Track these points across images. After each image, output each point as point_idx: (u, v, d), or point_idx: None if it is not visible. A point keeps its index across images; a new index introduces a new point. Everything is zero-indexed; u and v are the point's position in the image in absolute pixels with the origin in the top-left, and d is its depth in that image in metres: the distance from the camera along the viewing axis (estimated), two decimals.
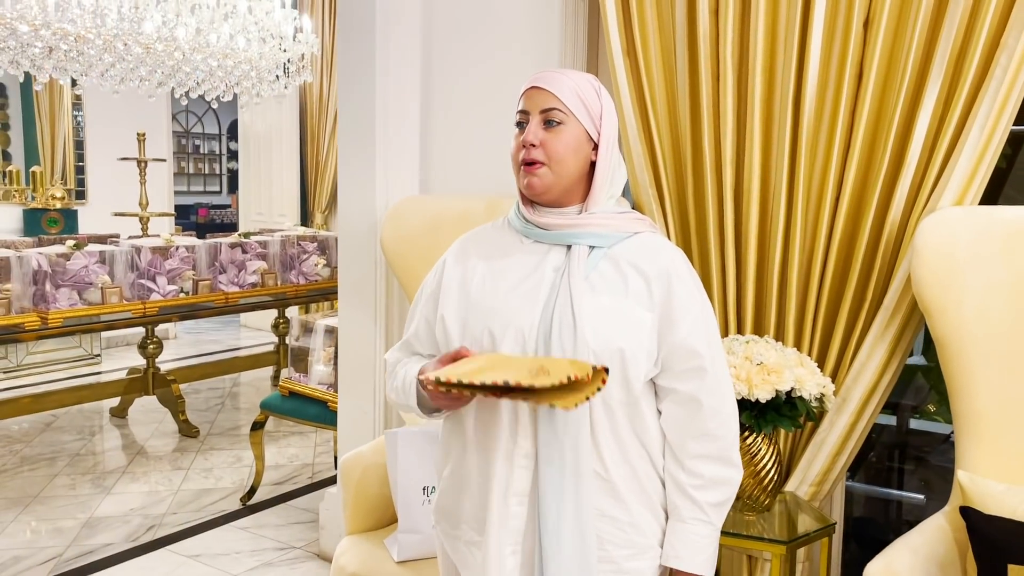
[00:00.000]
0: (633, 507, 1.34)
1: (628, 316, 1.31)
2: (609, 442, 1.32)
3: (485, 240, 1.46)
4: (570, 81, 1.35)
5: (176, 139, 11.56)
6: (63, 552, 3.16)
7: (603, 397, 1.28)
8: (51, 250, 3.91)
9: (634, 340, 1.30)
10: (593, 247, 1.35)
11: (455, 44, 2.79)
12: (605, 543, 1.34)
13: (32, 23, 3.70)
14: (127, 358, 6.14)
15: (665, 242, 1.41)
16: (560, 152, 1.33)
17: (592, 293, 1.32)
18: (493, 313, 1.34)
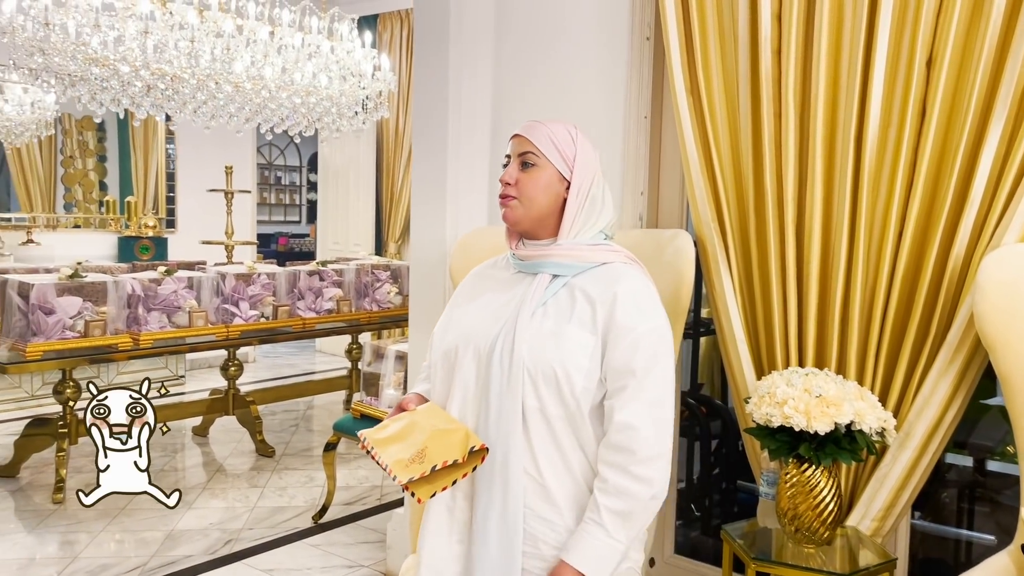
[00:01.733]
0: (568, 512, 1.48)
1: (567, 338, 1.46)
2: (547, 449, 1.47)
3: (488, 271, 1.68)
4: (546, 129, 1.55)
5: (259, 171, 12.06)
6: (147, 562, 3.33)
7: (540, 408, 1.45)
8: (144, 275, 4.16)
9: (569, 360, 1.45)
10: (556, 275, 1.52)
11: (524, 84, 2.91)
12: (538, 541, 1.49)
13: (133, 64, 3.98)
14: (209, 379, 6.41)
15: (628, 271, 1.54)
16: (530, 190, 1.52)
17: (542, 318, 1.48)
18: (465, 333, 1.54)
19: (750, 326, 2.37)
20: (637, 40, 2.65)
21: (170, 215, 7.17)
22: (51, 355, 3.72)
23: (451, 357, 1.55)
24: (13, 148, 6.22)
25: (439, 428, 1.45)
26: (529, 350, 1.45)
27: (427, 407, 1.55)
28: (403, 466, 1.41)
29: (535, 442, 1.47)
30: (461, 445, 1.40)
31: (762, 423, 1.98)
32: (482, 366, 1.49)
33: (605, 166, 2.73)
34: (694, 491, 3.18)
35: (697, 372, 3.21)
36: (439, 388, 1.57)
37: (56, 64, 3.85)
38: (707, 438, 3.09)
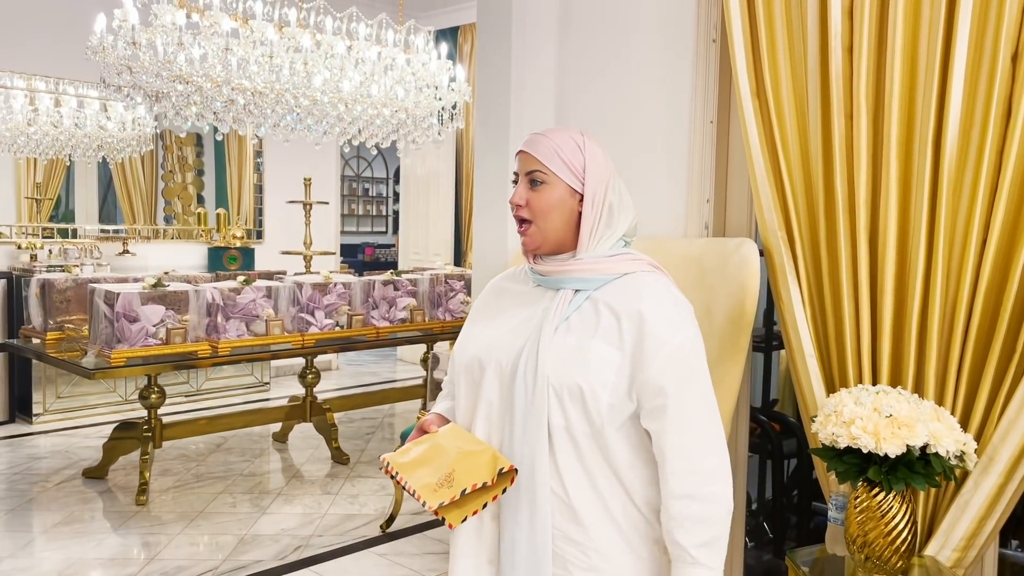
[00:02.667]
0: (595, 532, 1.42)
1: (592, 354, 1.39)
2: (574, 468, 1.41)
3: (507, 284, 1.63)
4: (550, 142, 1.47)
5: (347, 183, 12.35)
6: (219, 566, 3.41)
7: (566, 425, 1.39)
8: (224, 285, 4.28)
9: (595, 376, 1.38)
10: (578, 290, 1.46)
11: (586, 90, 2.86)
12: (567, 563, 1.43)
13: (215, 80, 4.11)
14: (292, 387, 6.57)
15: (652, 280, 1.47)
16: (543, 208, 1.46)
17: (565, 333, 1.42)
18: (486, 348, 1.50)
19: (820, 340, 2.24)
20: (702, 42, 2.56)
21: (258, 226, 7.39)
22: (135, 361, 3.87)
23: (474, 373, 1.50)
24: (117, 164, 6.54)
25: (465, 450, 1.41)
26: (553, 366, 1.40)
27: (449, 428, 1.50)
28: (431, 491, 1.37)
29: (561, 461, 1.41)
30: (489, 467, 1.36)
31: (828, 443, 1.86)
32: (505, 383, 1.44)
33: (669, 171, 2.66)
34: (767, 512, 3.04)
35: (770, 387, 3.07)
36: (463, 404, 1.53)
37: (143, 82, 4.01)
38: (780, 456, 2.94)
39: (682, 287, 2.39)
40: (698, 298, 2.37)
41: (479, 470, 1.36)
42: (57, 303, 4.34)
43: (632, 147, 2.72)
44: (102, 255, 6.21)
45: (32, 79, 5.96)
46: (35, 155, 6.08)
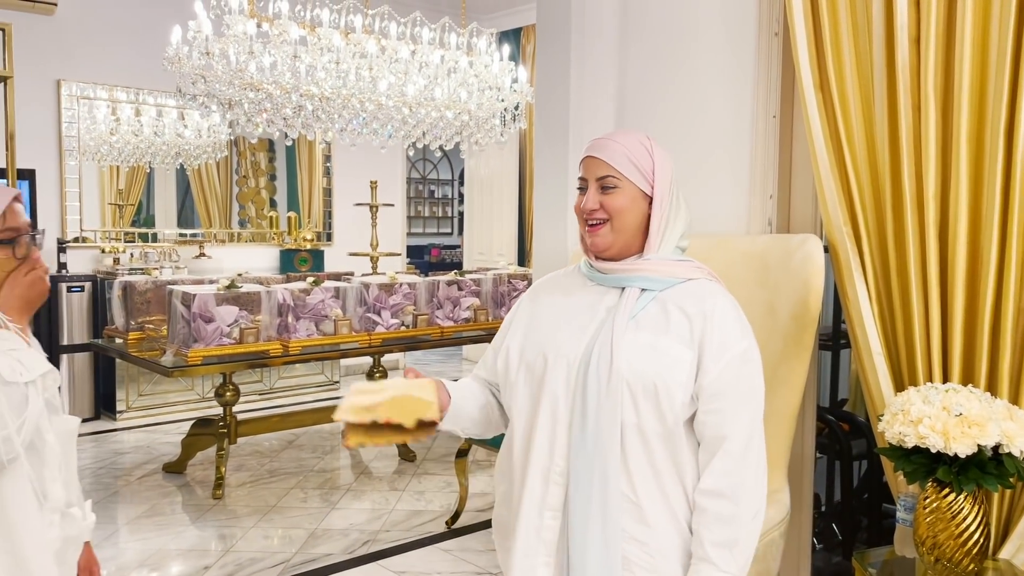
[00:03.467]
0: (661, 532, 1.42)
1: (666, 352, 1.41)
2: (643, 468, 1.42)
3: (556, 283, 1.64)
4: (620, 147, 1.49)
5: (413, 185, 12.53)
6: (290, 558, 3.51)
7: (639, 427, 1.40)
8: (294, 286, 4.41)
9: (668, 375, 1.40)
10: (644, 289, 1.48)
11: (647, 86, 2.85)
12: (632, 564, 1.42)
13: (284, 87, 4.24)
14: None
15: (717, 289, 1.50)
16: (617, 210, 1.48)
17: (636, 330, 1.44)
18: (548, 344, 1.50)
19: (888, 337, 2.19)
20: (764, 36, 2.53)
21: (327, 228, 7.57)
22: (210, 360, 4.01)
23: (537, 371, 1.49)
24: (194, 170, 6.79)
25: (409, 395, 1.42)
26: (628, 362, 1.41)
27: (424, 381, 1.50)
28: (351, 408, 1.39)
29: (631, 460, 1.42)
30: (415, 414, 1.40)
31: (895, 443, 1.82)
32: (575, 379, 1.44)
33: (731, 168, 2.63)
34: (835, 513, 2.98)
35: (838, 386, 3.00)
36: (522, 404, 1.51)
37: (217, 90, 4.16)
38: (848, 457, 2.88)
39: (745, 284, 2.37)
40: (761, 296, 2.34)
41: (405, 413, 1.39)
42: (138, 304, 4.53)
43: (693, 144, 2.70)
44: (180, 258, 6.45)
45: (114, 90, 6.23)
46: (117, 163, 6.35)
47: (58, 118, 6.00)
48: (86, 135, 6.13)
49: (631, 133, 1.54)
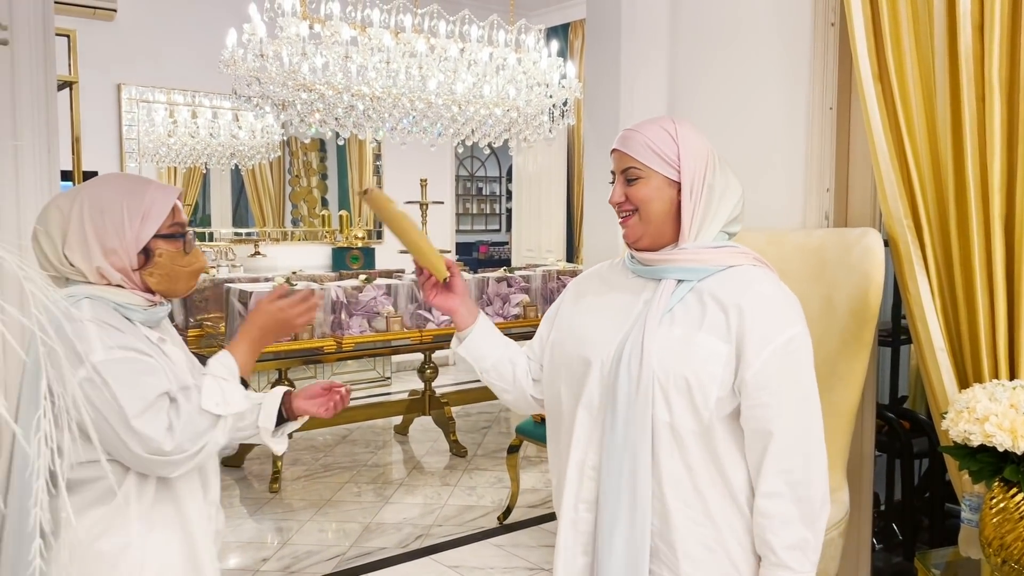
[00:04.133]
0: (687, 534, 1.39)
1: (699, 347, 1.37)
2: (675, 469, 1.38)
3: (600, 276, 1.62)
4: (641, 136, 1.45)
5: (461, 182, 12.58)
6: (346, 552, 3.57)
7: (671, 426, 1.37)
8: (347, 283, 4.47)
9: (702, 370, 1.36)
10: (681, 280, 1.43)
11: (699, 79, 2.82)
12: (660, 562, 1.41)
13: (336, 87, 4.29)
14: (412, 382, 6.77)
15: (760, 275, 1.44)
16: (642, 199, 1.45)
17: (669, 324, 1.40)
18: (586, 339, 1.49)
19: (951, 333, 2.13)
20: (820, 26, 2.48)
21: (378, 227, 7.65)
22: (266, 356, 4.09)
23: (577, 370, 1.48)
24: (248, 170, 6.94)
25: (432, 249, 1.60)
26: (659, 358, 1.37)
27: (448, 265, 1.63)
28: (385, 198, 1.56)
29: (662, 458, 1.38)
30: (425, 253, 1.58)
31: (960, 441, 1.78)
32: (607, 376, 1.43)
33: (786, 162, 2.59)
34: (896, 513, 2.92)
35: (898, 383, 2.94)
36: (564, 400, 1.51)
37: (271, 91, 4.24)
38: (910, 455, 2.82)
39: (801, 279, 2.34)
40: (818, 291, 2.30)
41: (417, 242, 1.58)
42: (197, 302, 4.65)
43: (748, 138, 2.67)
44: (236, 256, 6.59)
45: (171, 93, 6.38)
46: (175, 164, 6.52)
47: (119, 121, 6.18)
48: (145, 137, 6.30)
49: (656, 121, 1.49)
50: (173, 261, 1.50)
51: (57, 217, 1.44)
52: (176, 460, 1.38)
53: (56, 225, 1.44)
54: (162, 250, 1.49)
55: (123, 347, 1.39)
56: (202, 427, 1.41)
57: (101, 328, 1.38)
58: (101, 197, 1.45)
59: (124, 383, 1.36)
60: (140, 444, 1.35)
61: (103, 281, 1.45)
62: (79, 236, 1.43)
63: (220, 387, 1.46)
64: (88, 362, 1.34)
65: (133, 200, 1.47)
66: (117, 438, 1.36)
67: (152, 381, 1.39)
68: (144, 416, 1.35)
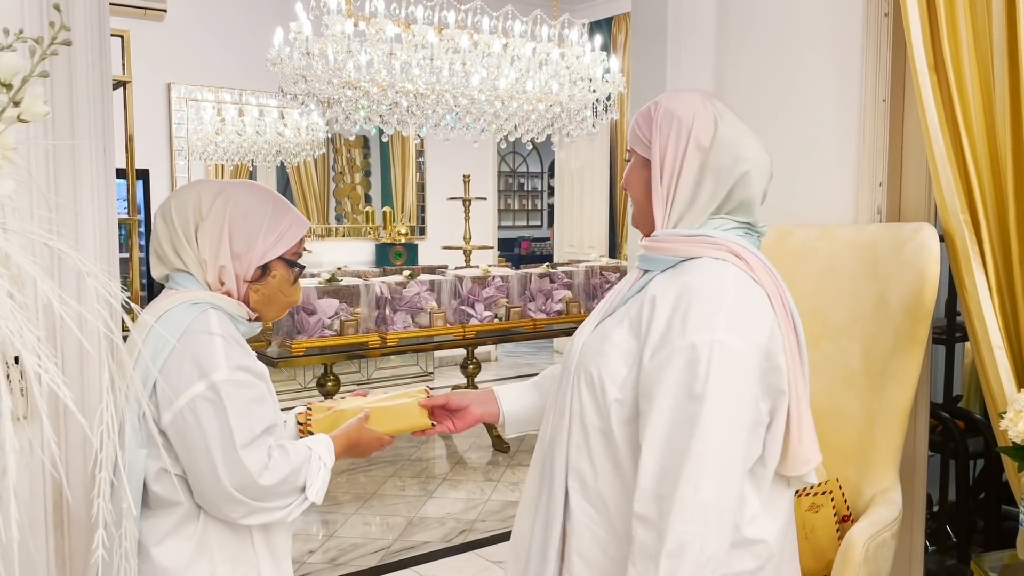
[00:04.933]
0: (585, 532, 1.28)
1: (610, 341, 1.27)
2: (582, 465, 1.29)
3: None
4: (636, 116, 1.37)
5: (503, 178, 12.60)
6: (390, 545, 3.60)
7: (582, 419, 1.28)
8: (391, 279, 4.50)
9: (605, 366, 1.25)
10: (646, 271, 1.33)
11: (747, 72, 2.78)
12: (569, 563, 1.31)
13: (380, 84, 4.32)
14: (455, 377, 6.80)
15: (709, 266, 1.24)
16: (628, 183, 1.39)
17: (613, 318, 1.32)
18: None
19: (1010, 330, 2.08)
20: (873, 17, 2.43)
21: (421, 222, 7.70)
22: (312, 351, 4.14)
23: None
24: (293, 167, 7.03)
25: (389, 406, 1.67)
26: (582, 352, 1.31)
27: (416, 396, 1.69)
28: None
29: (571, 452, 1.30)
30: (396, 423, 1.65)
31: (1019, 442, 1.73)
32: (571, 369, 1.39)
33: (837, 156, 2.54)
34: (949, 514, 2.85)
35: (952, 382, 2.87)
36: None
37: (316, 89, 4.29)
38: (965, 456, 2.75)
39: (852, 275, 2.29)
40: (870, 287, 2.26)
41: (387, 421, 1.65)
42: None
43: (797, 132, 2.62)
44: None
45: (219, 91, 6.49)
46: (223, 161, 6.63)
47: (168, 120, 6.30)
48: (193, 135, 6.42)
49: (652, 100, 1.38)
50: (280, 286, 1.53)
51: (196, 203, 1.46)
52: (253, 505, 1.36)
53: (193, 210, 1.46)
54: (278, 273, 1.52)
55: (244, 369, 1.39)
56: (291, 492, 1.41)
57: (227, 345, 1.39)
58: (247, 203, 1.48)
59: (238, 409, 1.35)
60: (234, 475, 1.33)
61: (215, 281, 1.46)
62: (216, 228, 1.45)
63: (320, 473, 1.46)
64: (209, 379, 1.34)
65: (275, 217, 1.50)
66: (208, 463, 1.33)
67: (261, 412, 1.39)
68: (249, 447, 1.35)
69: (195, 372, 1.34)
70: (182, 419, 1.34)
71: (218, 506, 1.37)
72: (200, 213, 1.46)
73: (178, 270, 1.48)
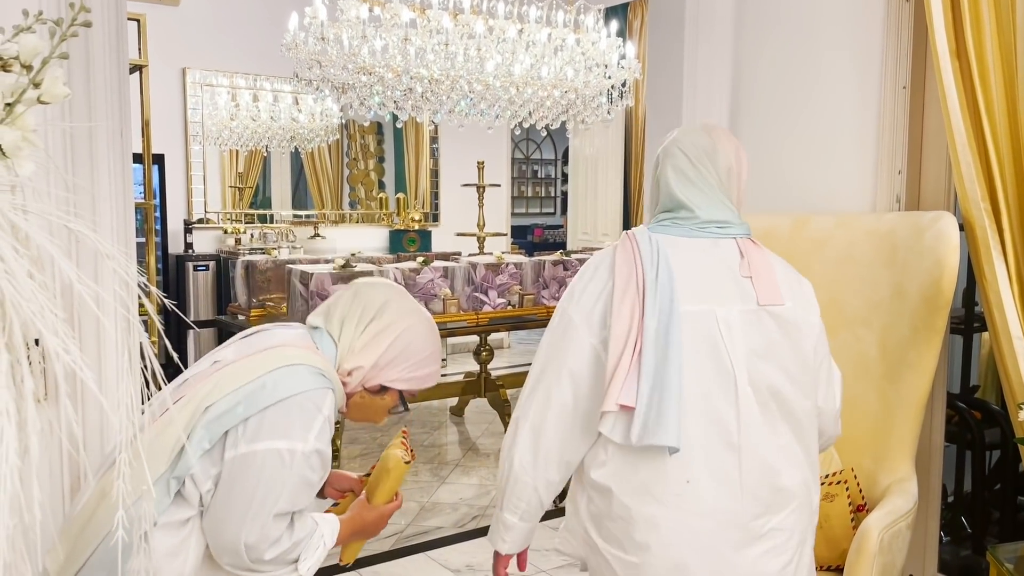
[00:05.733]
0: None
1: None
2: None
3: None
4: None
5: (516, 165, 12.56)
6: (403, 530, 3.62)
7: None
8: (405, 265, 4.50)
9: None
10: None
11: (764, 56, 2.75)
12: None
13: (395, 70, 4.31)
14: (467, 364, 6.81)
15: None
16: None
17: None
18: None
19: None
20: (894, 3, 2.40)
21: (434, 209, 7.70)
22: None
23: None
24: (307, 153, 7.04)
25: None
26: None
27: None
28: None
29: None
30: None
31: None
32: None
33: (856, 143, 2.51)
34: (964, 505, 2.84)
35: (970, 372, 2.85)
36: None
37: (331, 74, 4.28)
38: (981, 447, 2.73)
39: (870, 264, 2.27)
40: (888, 277, 2.24)
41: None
42: (259, 283, 4.74)
43: (815, 119, 2.60)
44: (296, 238, 6.70)
45: (234, 77, 6.50)
46: (237, 147, 6.64)
47: (184, 105, 6.32)
48: (208, 121, 6.43)
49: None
50: (381, 407, 1.63)
51: (386, 306, 1.58)
52: (252, 568, 1.42)
53: (381, 309, 1.57)
54: (388, 399, 1.62)
55: (321, 455, 1.46)
56: (283, 563, 1.46)
57: (324, 427, 1.46)
58: (418, 339, 1.59)
59: (294, 483, 1.41)
60: (251, 533, 1.39)
61: (345, 369, 1.54)
62: (383, 337, 1.55)
63: (317, 551, 1.51)
64: (293, 443, 1.40)
65: (425, 362, 1.61)
66: (241, 509, 1.39)
67: (306, 497, 1.46)
68: (278, 519, 1.41)
69: (288, 431, 1.41)
70: (251, 460, 1.40)
71: (218, 547, 1.43)
72: (383, 317, 1.56)
73: (330, 334, 1.57)
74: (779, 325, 1.47)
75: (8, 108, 0.78)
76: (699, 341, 1.43)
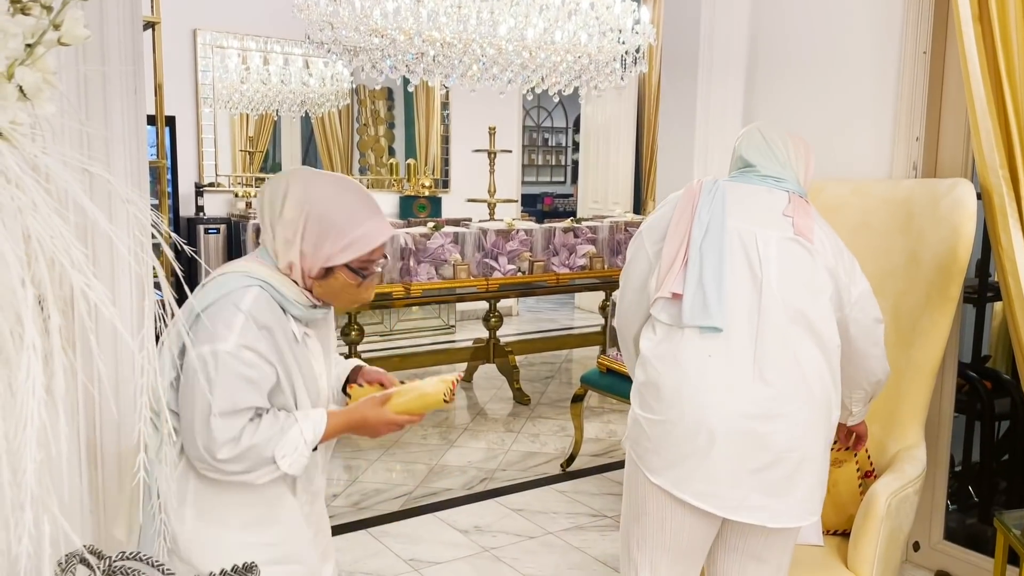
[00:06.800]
0: None
1: None
2: None
3: None
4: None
5: (528, 133, 12.48)
6: (412, 491, 3.66)
7: None
8: (415, 230, 4.50)
9: None
10: None
11: (783, 20, 2.72)
12: None
13: (407, 33, 4.27)
14: (476, 330, 6.83)
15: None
16: None
17: None
18: None
19: None
20: None
21: (445, 175, 7.66)
22: None
23: None
24: (318, 118, 7.00)
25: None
26: None
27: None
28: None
29: None
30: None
31: None
32: None
33: (874, 109, 2.49)
34: (971, 474, 2.85)
35: (981, 342, 2.84)
36: None
37: (343, 36, 4.24)
38: (991, 416, 2.73)
39: (885, 232, 2.26)
40: (903, 243, 2.23)
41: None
42: None
43: (834, 84, 2.57)
44: None
45: (244, 39, 6.45)
46: (247, 111, 6.61)
47: (194, 67, 6.28)
48: (219, 84, 6.40)
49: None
50: (343, 288, 1.55)
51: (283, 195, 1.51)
52: (219, 468, 1.45)
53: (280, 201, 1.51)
54: (340, 277, 1.53)
55: (252, 349, 1.45)
56: (258, 463, 1.47)
57: (247, 324, 1.45)
58: (329, 208, 1.50)
59: (227, 382, 1.42)
60: (202, 439, 1.43)
61: (285, 268, 1.52)
62: (291, 226, 1.50)
63: (298, 448, 1.50)
64: (214, 345, 1.42)
65: (348, 226, 1.51)
66: (189, 416, 1.44)
67: (248, 394, 1.45)
68: (222, 418, 1.42)
69: (212, 335, 1.43)
70: (187, 370, 1.45)
71: (192, 458, 1.47)
72: (283, 206, 1.51)
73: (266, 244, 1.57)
74: (808, 252, 1.70)
75: (29, 49, 0.78)
76: (738, 251, 1.71)
